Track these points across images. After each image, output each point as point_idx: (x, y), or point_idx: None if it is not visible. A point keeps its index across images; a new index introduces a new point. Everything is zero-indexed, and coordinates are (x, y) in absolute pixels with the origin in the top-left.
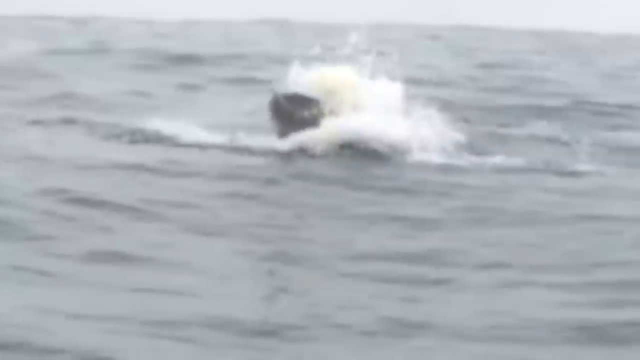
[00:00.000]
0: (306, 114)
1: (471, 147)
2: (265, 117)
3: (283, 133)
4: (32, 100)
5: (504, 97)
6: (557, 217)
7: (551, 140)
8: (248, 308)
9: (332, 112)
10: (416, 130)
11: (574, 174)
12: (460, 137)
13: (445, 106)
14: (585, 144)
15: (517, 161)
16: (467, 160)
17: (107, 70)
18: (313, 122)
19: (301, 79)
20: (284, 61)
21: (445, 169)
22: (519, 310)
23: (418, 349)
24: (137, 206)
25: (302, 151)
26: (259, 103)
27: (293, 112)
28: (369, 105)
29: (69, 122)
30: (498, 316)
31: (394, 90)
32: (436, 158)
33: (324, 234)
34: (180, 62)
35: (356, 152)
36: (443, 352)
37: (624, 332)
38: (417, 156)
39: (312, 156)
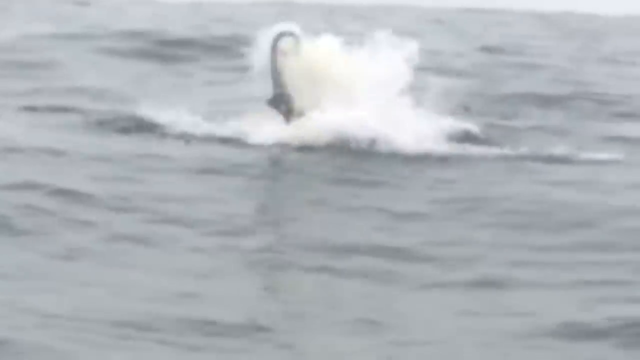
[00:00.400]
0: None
1: (469, 138)
2: (256, 104)
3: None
4: (26, 88)
5: (504, 85)
6: (547, 210)
7: (550, 130)
8: (223, 307)
9: (315, 95)
10: (411, 123)
11: (571, 164)
12: (459, 126)
13: (445, 93)
14: (584, 133)
15: (515, 151)
16: (463, 151)
17: (104, 55)
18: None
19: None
20: None
21: (438, 160)
22: (497, 309)
23: (393, 347)
24: (118, 200)
25: (288, 144)
26: (254, 91)
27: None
28: (362, 86)
29: (60, 110)
30: (476, 315)
31: (393, 66)
32: (431, 149)
33: (308, 229)
34: (179, 46)
35: (346, 146)
36: (417, 351)
37: (603, 328)
38: (410, 148)
39: (299, 149)
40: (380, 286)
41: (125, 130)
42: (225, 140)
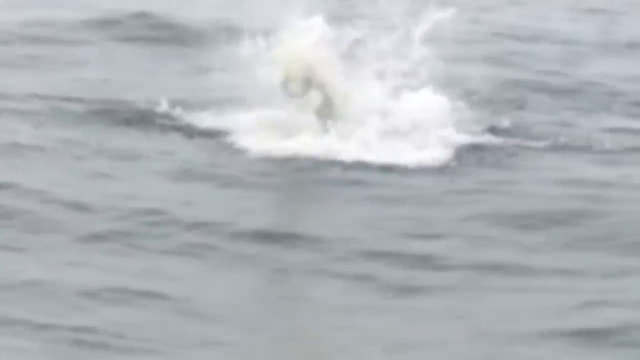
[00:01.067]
0: None
1: (486, 130)
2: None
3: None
4: (28, 78)
5: (514, 72)
6: (541, 205)
7: (560, 122)
8: (201, 311)
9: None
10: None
11: (575, 156)
12: (462, 119)
13: (451, 83)
14: (594, 126)
15: (523, 143)
16: (473, 143)
17: (108, 42)
18: None
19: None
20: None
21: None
22: (479, 315)
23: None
24: (93, 201)
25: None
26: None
27: None
28: (358, 93)
29: (64, 100)
30: (457, 318)
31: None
32: (439, 144)
33: (290, 224)
34: (190, 32)
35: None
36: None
37: (588, 333)
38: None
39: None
40: (359, 284)
41: (126, 122)
42: (221, 134)
